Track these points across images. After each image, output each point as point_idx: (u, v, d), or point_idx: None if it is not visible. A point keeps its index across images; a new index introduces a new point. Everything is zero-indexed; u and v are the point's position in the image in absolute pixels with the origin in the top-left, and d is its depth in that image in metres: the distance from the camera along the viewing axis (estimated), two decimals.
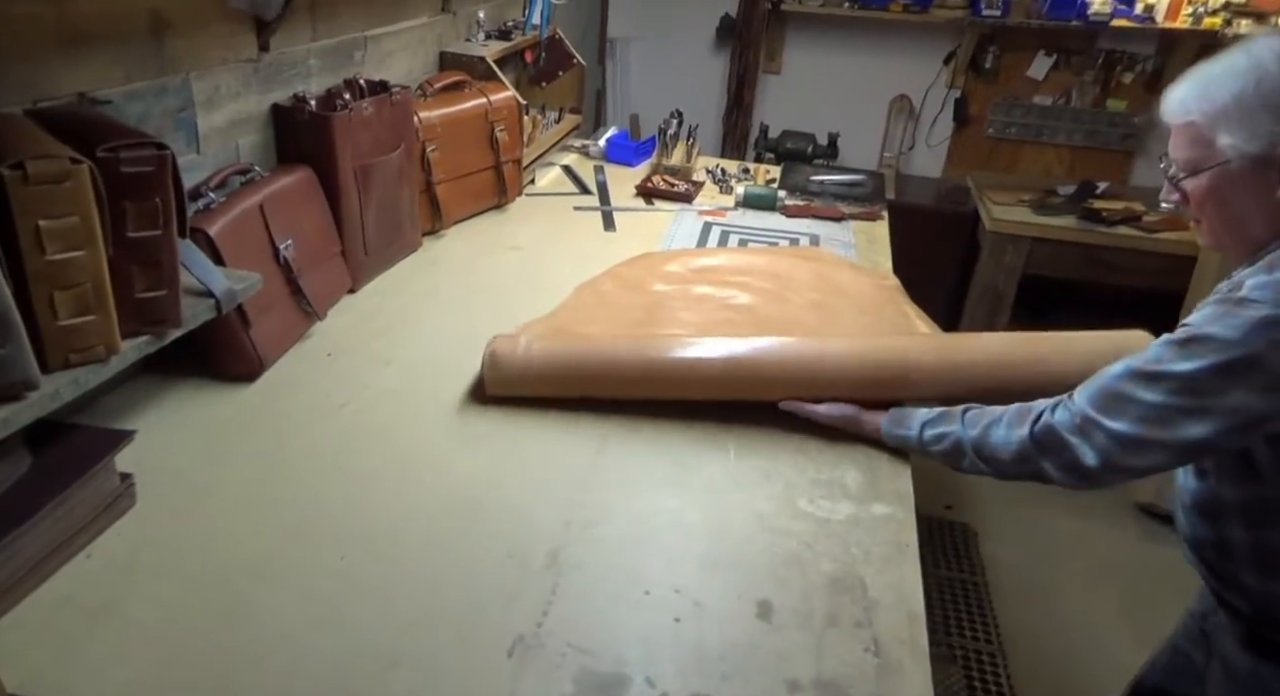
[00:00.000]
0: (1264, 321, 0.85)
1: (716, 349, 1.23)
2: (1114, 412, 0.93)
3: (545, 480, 1.08)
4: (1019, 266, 2.98)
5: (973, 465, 1.06)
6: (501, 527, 1.00)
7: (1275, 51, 0.89)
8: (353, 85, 1.56)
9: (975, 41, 3.37)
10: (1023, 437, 1.01)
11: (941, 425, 1.10)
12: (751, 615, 0.90)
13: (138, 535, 0.95)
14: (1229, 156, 0.92)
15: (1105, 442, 0.93)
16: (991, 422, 1.05)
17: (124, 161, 0.86)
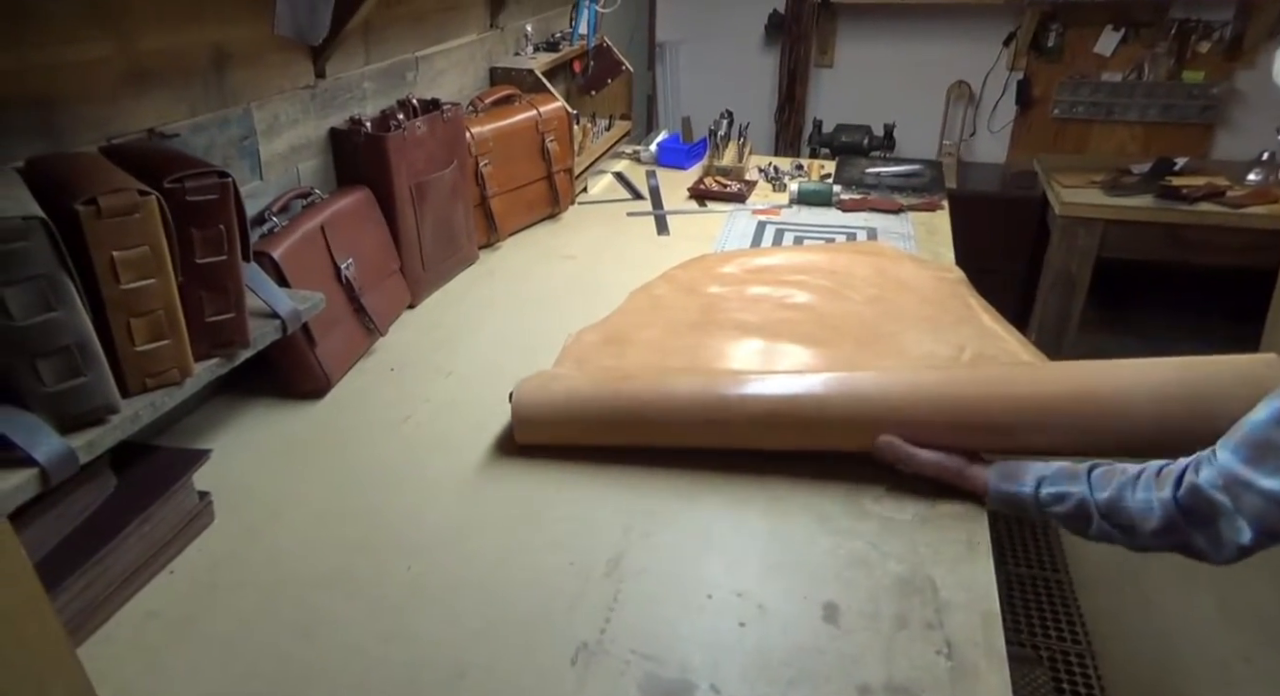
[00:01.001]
0: None
1: (777, 386, 1.08)
2: (1268, 466, 0.78)
3: (604, 486, 1.08)
4: (1093, 250, 2.86)
5: (1102, 531, 0.91)
6: (561, 536, 1.00)
7: None
8: (406, 105, 1.60)
9: (1037, 20, 3.25)
10: (1166, 502, 0.85)
11: (1063, 483, 0.94)
12: (818, 618, 0.88)
13: (216, 551, 0.99)
14: None
15: (1260, 505, 0.78)
16: (1125, 483, 0.89)
17: (189, 191, 0.90)
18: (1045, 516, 0.95)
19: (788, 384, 1.09)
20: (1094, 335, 3.17)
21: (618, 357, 1.31)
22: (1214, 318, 3.13)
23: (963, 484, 1.03)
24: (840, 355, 1.29)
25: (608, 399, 1.12)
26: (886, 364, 1.25)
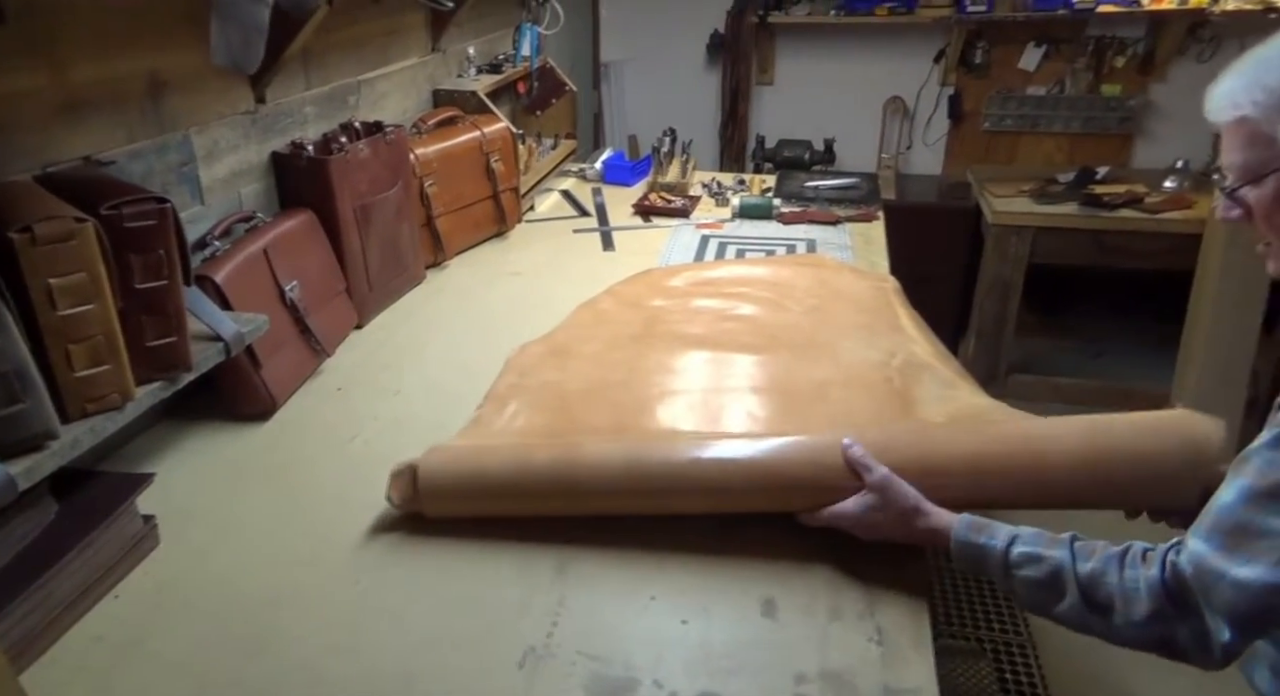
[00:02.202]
0: None
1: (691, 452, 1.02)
2: (1244, 554, 0.71)
3: None
4: (1025, 256, 2.98)
5: (1075, 611, 0.80)
6: (508, 546, 1.02)
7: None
8: (348, 128, 1.62)
9: (964, 38, 3.39)
10: (1154, 584, 0.76)
11: (1040, 546, 0.84)
12: (757, 613, 0.92)
13: (162, 574, 0.99)
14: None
15: (1234, 600, 0.71)
16: (1111, 558, 0.80)
17: (126, 217, 0.91)
18: (1009, 580, 0.85)
19: (703, 448, 1.03)
20: (1031, 339, 3.30)
21: (560, 370, 1.34)
22: (1143, 318, 3.28)
23: (911, 531, 0.92)
24: (777, 362, 1.34)
25: (513, 472, 1.04)
26: (821, 371, 1.30)
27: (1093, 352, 3.33)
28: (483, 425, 1.21)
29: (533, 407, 1.24)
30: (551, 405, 1.25)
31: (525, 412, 1.23)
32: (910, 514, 0.91)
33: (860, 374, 1.28)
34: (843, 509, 0.95)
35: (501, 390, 1.31)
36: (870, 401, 1.20)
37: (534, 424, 1.20)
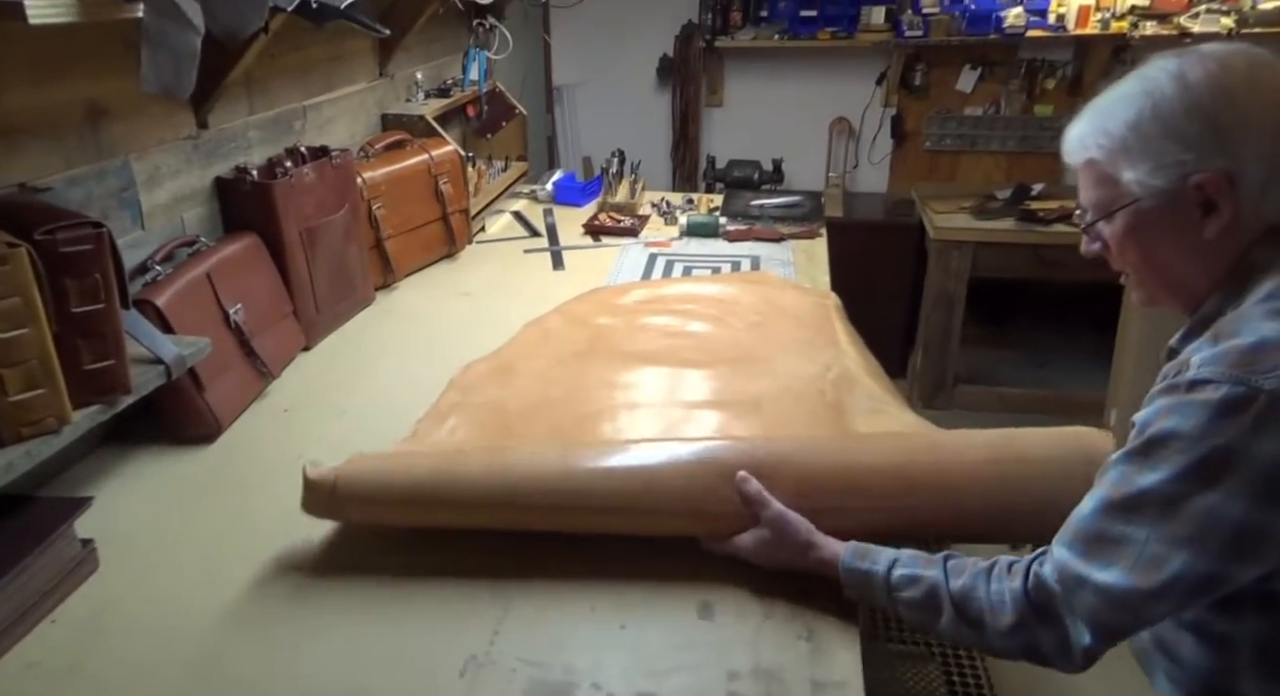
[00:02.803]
0: (1224, 404, 0.69)
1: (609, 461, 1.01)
2: (1100, 559, 0.74)
3: None
4: (966, 270, 3.08)
5: (952, 626, 0.83)
6: (452, 559, 1.04)
7: (1170, 72, 0.78)
8: (294, 153, 1.63)
9: (903, 61, 3.51)
10: (1017, 595, 0.79)
11: (916, 566, 0.87)
12: (694, 616, 0.95)
13: (101, 597, 0.98)
14: (1138, 193, 0.80)
15: (1095, 604, 0.74)
16: (979, 573, 0.83)
17: (61, 242, 0.92)
18: (893, 603, 0.88)
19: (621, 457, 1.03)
20: (976, 350, 3.40)
21: (503, 387, 1.37)
22: (1082, 328, 3.40)
23: (805, 560, 0.94)
24: (716, 376, 1.38)
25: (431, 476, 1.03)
26: (758, 384, 1.34)
27: (1036, 363, 3.44)
28: (419, 439, 1.23)
29: (471, 424, 1.26)
30: (490, 421, 1.27)
31: (463, 428, 1.25)
32: (803, 547, 0.94)
33: (795, 387, 1.32)
34: (742, 541, 0.98)
35: (443, 407, 1.33)
36: (802, 412, 1.25)
37: (471, 438, 1.22)
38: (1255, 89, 0.75)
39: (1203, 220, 0.78)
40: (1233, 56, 0.78)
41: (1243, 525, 0.69)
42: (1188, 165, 0.77)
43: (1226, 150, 0.76)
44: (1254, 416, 0.68)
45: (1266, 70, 0.77)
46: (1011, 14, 3.16)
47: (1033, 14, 3.19)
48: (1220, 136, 0.76)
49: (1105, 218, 0.84)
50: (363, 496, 1.02)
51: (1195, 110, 0.76)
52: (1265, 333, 0.71)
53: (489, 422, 1.26)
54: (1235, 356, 0.70)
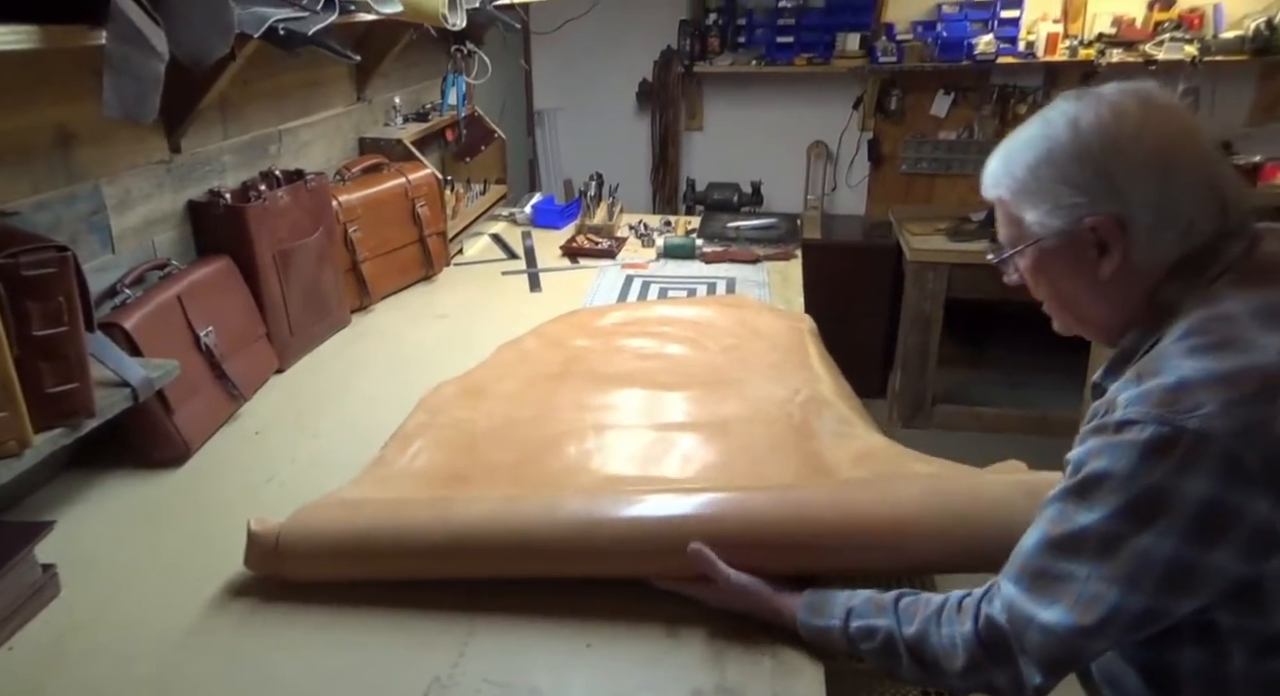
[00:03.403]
0: (1150, 445, 0.70)
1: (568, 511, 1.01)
2: (1047, 597, 0.75)
3: None
4: (942, 291, 3.12)
5: (912, 671, 0.84)
6: (419, 580, 1.03)
7: (1068, 116, 0.80)
8: (268, 176, 1.64)
9: (878, 86, 3.57)
10: (968, 638, 0.80)
11: (870, 616, 0.87)
12: (661, 634, 0.95)
13: (63, 622, 0.97)
14: (1040, 233, 0.82)
15: (1041, 642, 0.75)
16: (930, 617, 0.84)
17: (24, 265, 0.92)
18: (856, 653, 0.88)
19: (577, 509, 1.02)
20: (954, 370, 3.43)
21: (471, 409, 1.37)
22: (1057, 348, 3.41)
23: (763, 615, 0.94)
24: (687, 398, 1.39)
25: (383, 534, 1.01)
26: (728, 407, 1.36)
27: (1012, 382, 3.47)
28: (384, 465, 1.23)
29: (436, 446, 1.26)
30: (456, 444, 1.27)
31: (428, 452, 1.25)
32: (758, 599, 0.94)
33: (763, 409, 1.33)
34: (699, 595, 0.97)
35: (410, 429, 1.33)
36: (768, 435, 1.26)
37: (435, 462, 1.22)
38: (1140, 137, 0.77)
39: (1099, 260, 0.80)
40: (1127, 101, 0.79)
41: (1175, 562, 0.70)
42: (1081, 208, 0.79)
43: (1116, 195, 0.78)
44: (1179, 456, 0.69)
45: (1158, 115, 0.79)
46: (982, 41, 3.23)
47: (1003, 41, 3.25)
48: (1109, 182, 0.78)
49: (1016, 253, 0.86)
50: (304, 553, 1.01)
51: (1085, 157, 0.79)
52: (1184, 372, 0.72)
53: (454, 445, 1.27)
54: (1158, 396, 0.71)
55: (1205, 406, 0.69)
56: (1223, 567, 0.70)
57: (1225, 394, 0.69)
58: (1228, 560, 0.70)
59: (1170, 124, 0.78)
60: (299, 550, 1.00)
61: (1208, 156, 0.79)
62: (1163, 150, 0.77)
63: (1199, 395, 0.70)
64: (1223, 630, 0.74)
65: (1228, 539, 0.69)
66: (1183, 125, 0.79)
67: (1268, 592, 0.71)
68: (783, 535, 0.98)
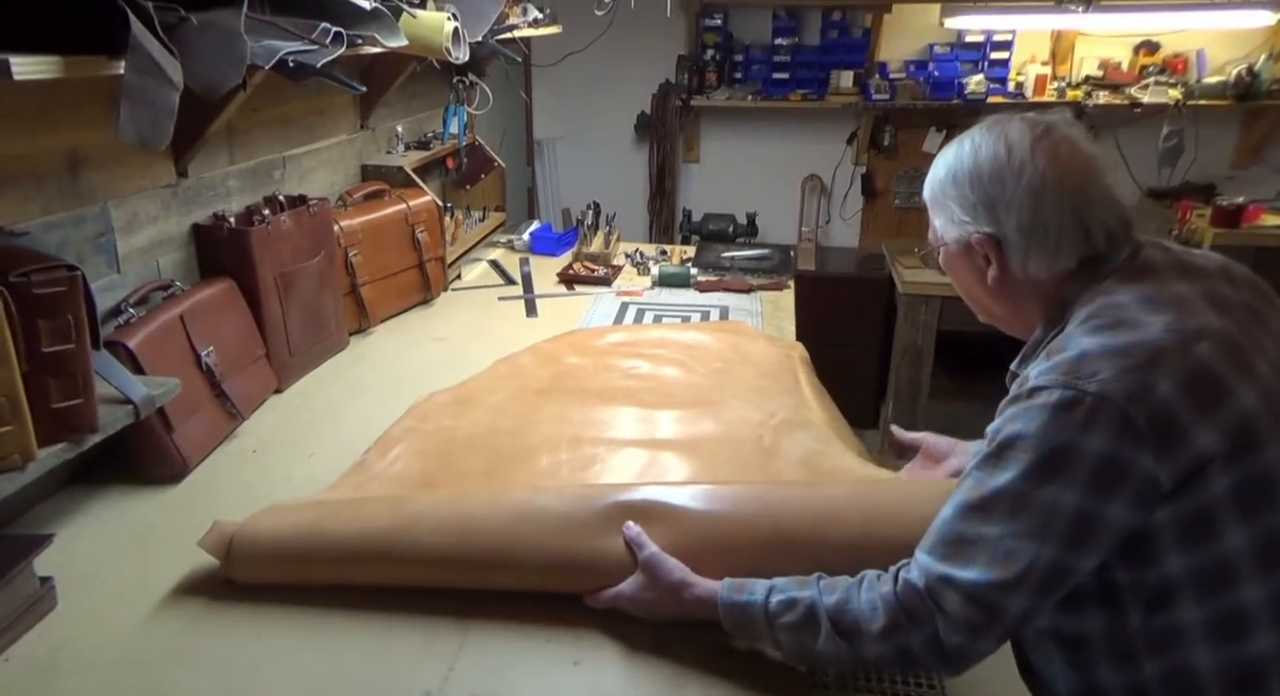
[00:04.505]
0: (1060, 404, 0.78)
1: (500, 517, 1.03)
2: (962, 560, 0.81)
3: None
4: (934, 324, 3.16)
5: (829, 642, 0.85)
6: (410, 594, 1.04)
7: (974, 143, 0.92)
8: (272, 201, 1.68)
9: (871, 123, 3.65)
10: (888, 598, 0.84)
11: (792, 590, 0.89)
12: (647, 654, 0.96)
13: (59, 635, 0.99)
14: (944, 240, 0.96)
15: (960, 604, 0.80)
16: (851, 586, 0.88)
17: (35, 284, 0.95)
18: (773, 631, 0.89)
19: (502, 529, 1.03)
20: (947, 403, 3.45)
21: (456, 418, 1.43)
22: None
23: (679, 603, 0.95)
24: (665, 417, 1.45)
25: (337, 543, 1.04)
26: (702, 427, 1.40)
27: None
28: (363, 469, 1.28)
29: (415, 452, 1.31)
30: (434, 451, 1.32)
31: (406, 458, 1.30)
32: (678, 587, 0.95)
33: (735, 431, 1.38)
34: (619, 590, 0.99)
35: (394, 434, 1.38)
36: (735, 456, 1.31)
37: (412, 468, 1.27)
38: (1020, 173, 0.88)
39: (986, 268, 0.93)
40: (1022, 137, 0.90)
41: (1079, 513, 0.78)
42: (968, 225, 0.93)
43: (994, 219, 0.90)
44: (1082, 416, 0.78)
45: (1047, 152, 0.88)
46: (973, 81, 3.31)
47: (993, 81, 3.34)
48: (990, 207, 0.90)
49: (930, 251, 1.00)
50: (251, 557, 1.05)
51: (976, 183, 0.91)
52: (1085, 346, 0.82)
53: (432, 451, 1.32)
54: (1064, 366, 0.81)
55: (1102, 373, 0.79)
56: (1118, 519, 0.78)
57: (1119, 363, 0.79)
58: (1122, 511, 0.78)
59: (1056, 160, 0.88)
60: (246, 554, 1.04)
61: (1081, 189, 0.88)
62: (1036, 185, 0.88)
63: (1097, 364, 0.79)
64: (1121, 589, 0.83)
65: (1121, 491, 0.78)
66: (1067, 163, 0.88)
67: (1155, 543, 0.80)
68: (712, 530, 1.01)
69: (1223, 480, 0.78)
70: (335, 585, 1.05)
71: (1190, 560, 0.80)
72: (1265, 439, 0.80)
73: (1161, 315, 0.83)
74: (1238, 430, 0.79)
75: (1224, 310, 0.85)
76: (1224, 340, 0.82)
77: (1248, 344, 0.83)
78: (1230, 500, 0.79)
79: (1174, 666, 0.82)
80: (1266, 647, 0.80)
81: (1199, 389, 0.78)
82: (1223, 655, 0.81)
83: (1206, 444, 0.78)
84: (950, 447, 1.25)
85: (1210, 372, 0.80)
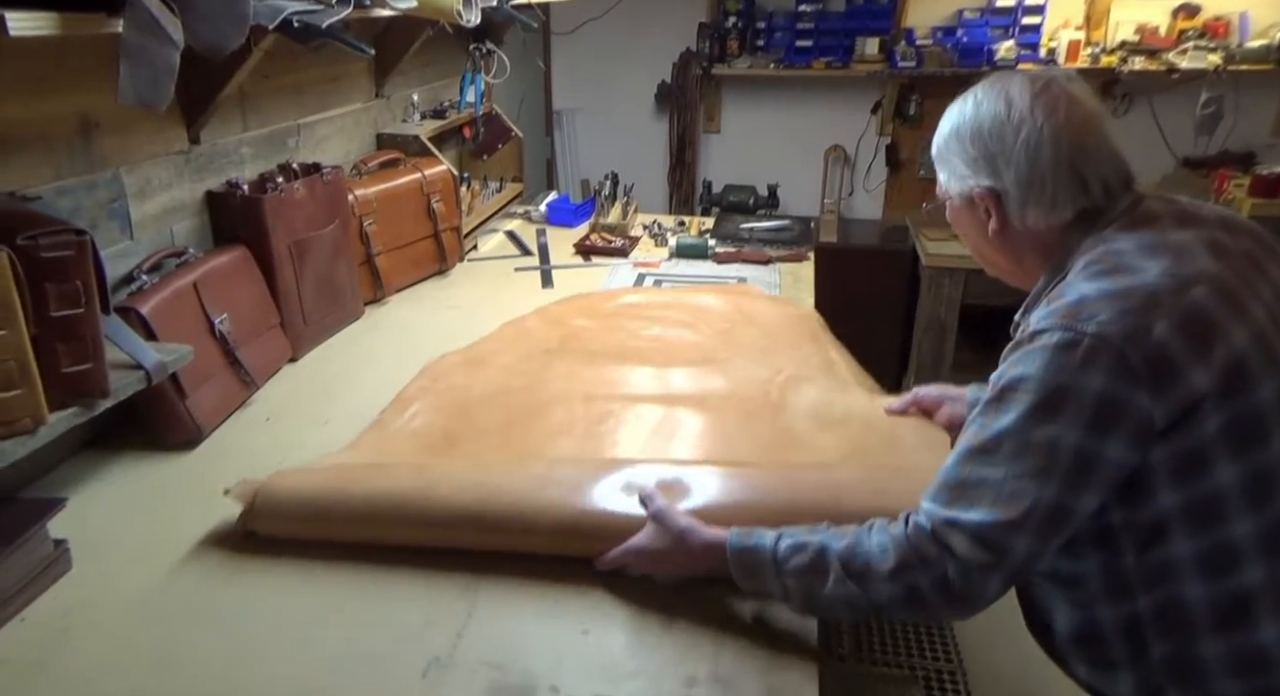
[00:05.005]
0: (1059, 345, 0.80)
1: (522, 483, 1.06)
2: (965, 503, 0.83)
3: None
4: (958, 297, 3.09)
5: (838, 586, 0.86)
6: (419, 561, 1.05)
7: (976, 98, 0.94)
8: (286, 169, 1.67)
9: (897, 91, 3.56)
10: (898, 539, 0.86)
11: (802, 535, 0.91)
12: (657, 623, 0.95)
13: (72, 596, 1.00)
14: (949, 194, 0.99)
15: (966, 545, 0.82)
16: (861, 531, 0.89)
17: (43, 247, 0.94)
18: (780, 575, 0.89)
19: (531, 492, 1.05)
20: (968, 375, 3.38)
21: (469, 377, 1.46)
22: None
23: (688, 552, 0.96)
24: (672, 375, 1.47)
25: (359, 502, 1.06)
26: (711, 383, 1.43)
27: None
28: (381, 426, 1.31)
29: (433, 409, 1.35)
30: (451, 408, 1.35)
31: (425, 414, 1.33)
32: (685, 533, 0.96)
33: (743, 388, 1.41)
34: (627, 545, 1.00)
35: (410, 393, 1.41)
36: (744, 411, 1.34)
37: (431, 424, 1.30)
38: (1020, 127, 0.90)
39: (987, 221, 0.95)
40: (1022, 93, 0.91)
41: (1079, 452, 0.80)
42: (969, 180, 0.95)
43: (993, 172, 0.92)
44: (1081, 356, 0.80)
45: (1045, 108, 0.89)
46: (1003, 47, 3.21)
47: (1024, 48, 3.24)
48: (990, 161, 0.92)
49: (937, 205, 1.02)
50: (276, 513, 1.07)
51: (976, 137, 0.93)
52: (1084, 290, 0.84)
53: (449, 408, 1.35)
54: (1064, 310, 0.83)
55: (1101, 315, 0.81)
56: (1116, 457, 0.80)
57: (1117, 305, 0.81)
58: (1119, 449, 0.80)
59: (1054, 115, 0.89)
60: (272, 509, 1.06)
61: (1079, 143, 0.90)
62: (1035, 141, 0.89)
63: (1096, 307, 0.82)
64: (1115, 529, 0.85)
65: (1118, 429, 0.80)
66: (1065, 118, 0.89)
67: (1149, 481, 0.82)
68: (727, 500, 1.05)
69: (1215, 418, 0.80)
70: (354, 543, 1.05)
71: (1183, 496, 0.82)
72: (1256, 379, 0.81)
73: (1159, 261, 0.85)
74: (1230, 370, 0.80)
75: (1221, 256, 0.87)
76: (1219, 285, 0.83)
77: (1242, 289, 0.85)
78: (1221, 437, 0.80)
79: (1166, 599, 0.84)
80: (1254, 579, 0.82)
81: (1193, 331, 0.80)
82: (1212, 587, 0.83)
83: (1200, 383, 0.79)
84: (940, 394, 1.32)
85: (1205, 315, 0.81)
